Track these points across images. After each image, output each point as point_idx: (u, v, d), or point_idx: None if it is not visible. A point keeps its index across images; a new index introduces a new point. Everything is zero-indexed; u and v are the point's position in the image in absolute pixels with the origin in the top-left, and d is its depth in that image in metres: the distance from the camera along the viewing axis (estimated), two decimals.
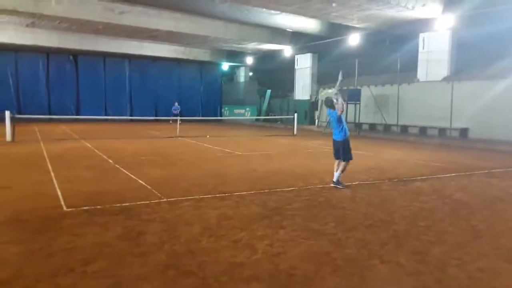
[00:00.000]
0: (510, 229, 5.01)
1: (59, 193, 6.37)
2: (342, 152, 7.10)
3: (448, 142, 16.48)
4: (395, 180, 8.07)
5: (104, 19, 19.80)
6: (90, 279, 3.39)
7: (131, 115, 30.79)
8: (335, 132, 7.22)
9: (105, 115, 29.31)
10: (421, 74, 20.08)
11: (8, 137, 14.06)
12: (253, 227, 4.82)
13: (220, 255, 3.92)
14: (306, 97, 28.16)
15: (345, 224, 5.01)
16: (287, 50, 27.90)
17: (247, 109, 33.03)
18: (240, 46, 28.30)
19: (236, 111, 34.11)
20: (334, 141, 7.25)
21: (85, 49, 27.27)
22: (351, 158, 7.17)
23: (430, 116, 19.19)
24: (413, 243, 4.37)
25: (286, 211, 5.56)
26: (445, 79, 18.84)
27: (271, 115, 30.64)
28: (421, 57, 20.01)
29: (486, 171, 9.41)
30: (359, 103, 20.85)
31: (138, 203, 5.82)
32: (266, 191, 6.79)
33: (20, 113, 21.33)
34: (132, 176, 7.93)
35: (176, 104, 28.84)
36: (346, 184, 7.22)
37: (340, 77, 7.46)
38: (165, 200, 6.02)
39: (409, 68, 20.39)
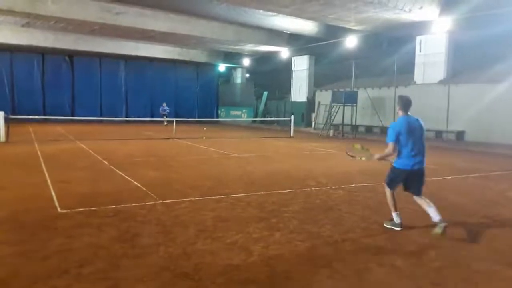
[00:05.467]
0: (506, 232, 5.02)
1: (54, 194, 6.32)
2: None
3: (445, 144, 16.51)
4: None
5: (100, 20, 19.71)
6: (85, 281, 3.35)
7: (126, 116, 30.67)
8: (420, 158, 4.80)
9: (101, 116, 29.16)
10: (417, 76, 20.12)
11: (2, 137, 13.96)
12: (249, 229, 4.79)
13: (216, 257, 3.89)
14: (303, 99, 28.19)
15: (341, 227, 5.00)
16: (284, 52, 27.91)
17: (244, 110, 32.98)
18: (237, 47, 28.27)
19: (233, 112, 34.05)
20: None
21: (81, 49, 27.11)
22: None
23: (426, 119, 18.90)
24: (410, 246, 4.37)
25: (283, 213, 5.54)
26: (441, 82, 18.90)
27: (267, 117, 30.62)
28: (418, 59, 20.04)
29: (482, 174, 9.44)
30: (356, 106, 20.88)
31: (133, 204, 5.78)
32: (262, 193, 6.77)
33: (14, 113, 21.18)
34: (127, 177, 7.88)
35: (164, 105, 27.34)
36: (343, 186, 7.18)
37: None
38: (160, 201, 5.99)
39: (406, 71, 20.43)
